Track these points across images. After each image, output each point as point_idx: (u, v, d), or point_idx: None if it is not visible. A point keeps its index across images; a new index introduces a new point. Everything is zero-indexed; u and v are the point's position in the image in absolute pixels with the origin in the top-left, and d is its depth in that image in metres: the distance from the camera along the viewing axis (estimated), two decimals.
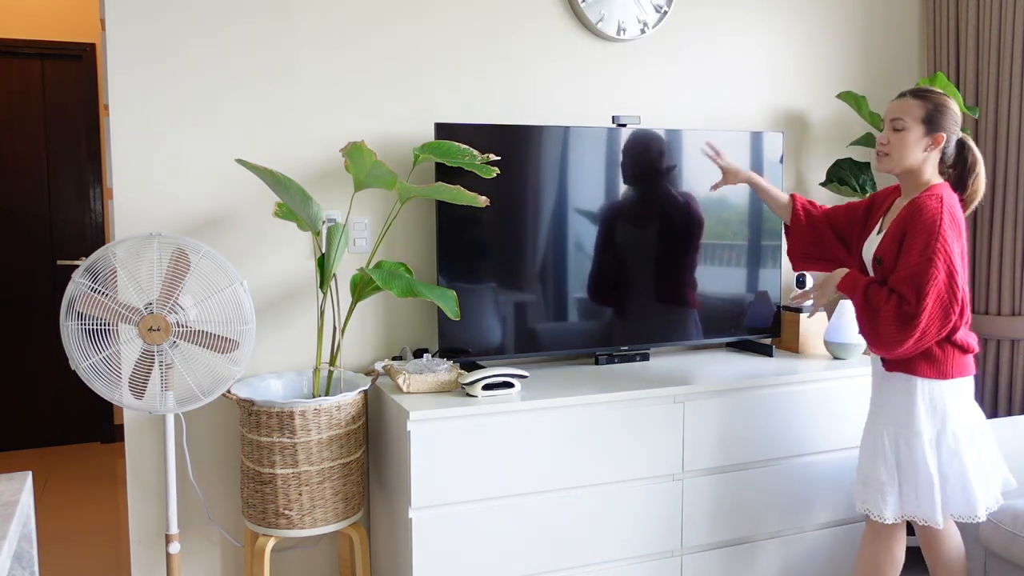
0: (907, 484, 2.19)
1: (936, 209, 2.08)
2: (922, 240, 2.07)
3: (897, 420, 2.19)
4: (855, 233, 2.41)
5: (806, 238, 2.50)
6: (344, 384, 2.40)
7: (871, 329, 2.13)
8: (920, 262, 2.06)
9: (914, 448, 2.16)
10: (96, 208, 4.74)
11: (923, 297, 2.04)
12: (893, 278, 2.12)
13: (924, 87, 2.21)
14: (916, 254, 2.07)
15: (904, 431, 2.17)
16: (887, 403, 2.22)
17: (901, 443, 2.18)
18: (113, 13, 2.34)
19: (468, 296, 2.56)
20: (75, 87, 4.67)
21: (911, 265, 2.07)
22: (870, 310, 2.13)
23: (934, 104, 2.16)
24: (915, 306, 2.05)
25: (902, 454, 2.18)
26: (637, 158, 2.72)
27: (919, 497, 2.17)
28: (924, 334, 2.07)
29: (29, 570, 1.35)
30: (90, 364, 2.13)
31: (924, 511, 2.17)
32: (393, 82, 2.64)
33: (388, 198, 2.66)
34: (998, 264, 3.11)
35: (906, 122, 2.16)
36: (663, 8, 2.91)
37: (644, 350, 2.82)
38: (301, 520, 2.24)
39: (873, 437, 2.25)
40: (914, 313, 2.05)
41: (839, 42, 3.25)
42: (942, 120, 2.16)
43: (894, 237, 2.15)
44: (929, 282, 2.04)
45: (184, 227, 2.45)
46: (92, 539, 3.39)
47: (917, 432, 2.15)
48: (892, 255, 2.15)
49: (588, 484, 2.39)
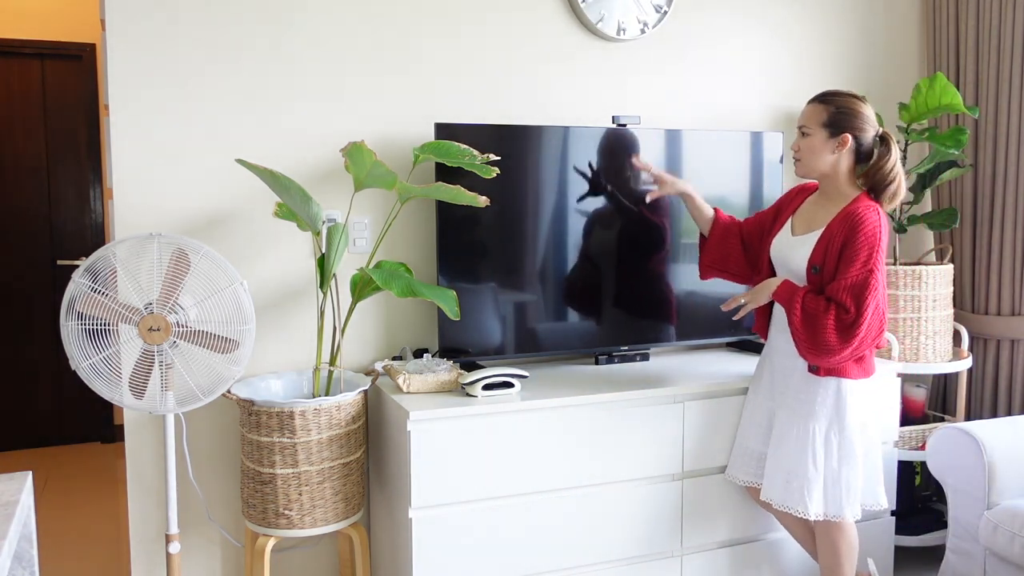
0: (831, 479, 2.27)
1: (876, 223, 2.16)
2: (864, 252, 2.14)
3: (828, 416, 2.26)
4: (761, 241, 2.47)
5: (713, 251, 2.52)
6: (344, 384, 2.40)
7: (810, 337, 2.18)
8: (861, 273, 2.14)
9: (850, 442, 2.26)
10: (96, 208, 4.74)
11: (863, 307, 2.13)
12: (833, 286, 2.17)
13: (832, 91, 2.27)
14: (858, 265, 2.14)
15: (836, 426, 2.26)
16: (811, 400, 2.27)
17: (832, 438, 2.26)
18: (113, 13, 2.34)
19: (468, 296, 2.56)
20: (75, 87, 4.66)
21: (852, 275, 2.14)
22: (809, 319, 2.18)
23: (836, 107, 2.23)
24: (855, 316, 2.13)
25: (837, 449, 2.26)
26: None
27: (848, 490, 2.26)
28: (862, 343, 2.16)
29: (29, 570, 1.35)
30: (90, 364, 2.13)
31: (858, 503, 2.28)
32: (393, 82, 2.64)
33: (388, 198, 2.66)
34: (998, 264, 3.11)
35: (810, 128, 2.26)
36: (663, 8, 2.91)
37: (644, 350, 2.82)
38: (301, 520, 2.24)
39: (800, 434, 2.28)
40: (854, 322, 2.14)
41: (839, 42, 3.25)
42: (845, 122, 2.22)
43: (830, 245, 2.20)
44: (869, 293, 2.13)
45: (184, 227, 2.45)
46: (92, 539, 3.39)
47: (847, 426, 2.25)
48: (832, 263, 2.20)
49: (588, 484, 2.39)
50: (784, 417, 2.31)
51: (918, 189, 3.12)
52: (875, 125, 2.25)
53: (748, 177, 2.89)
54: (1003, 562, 2.46)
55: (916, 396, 3.12)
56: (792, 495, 2.27)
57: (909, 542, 3.00)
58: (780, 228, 2.39)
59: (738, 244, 2.49)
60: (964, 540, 2.57)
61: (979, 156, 3.17)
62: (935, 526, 3.07)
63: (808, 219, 2.33)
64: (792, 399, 2.31)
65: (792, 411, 2.30)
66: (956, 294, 3.28)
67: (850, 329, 2.13)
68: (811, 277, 2.24)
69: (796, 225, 2.36)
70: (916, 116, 2.94)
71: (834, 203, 2.28)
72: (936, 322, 2.95)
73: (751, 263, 2.49)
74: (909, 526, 3.05)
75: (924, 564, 3.05)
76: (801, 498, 2.26)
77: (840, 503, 2.27)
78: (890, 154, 2.22)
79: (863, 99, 2.26)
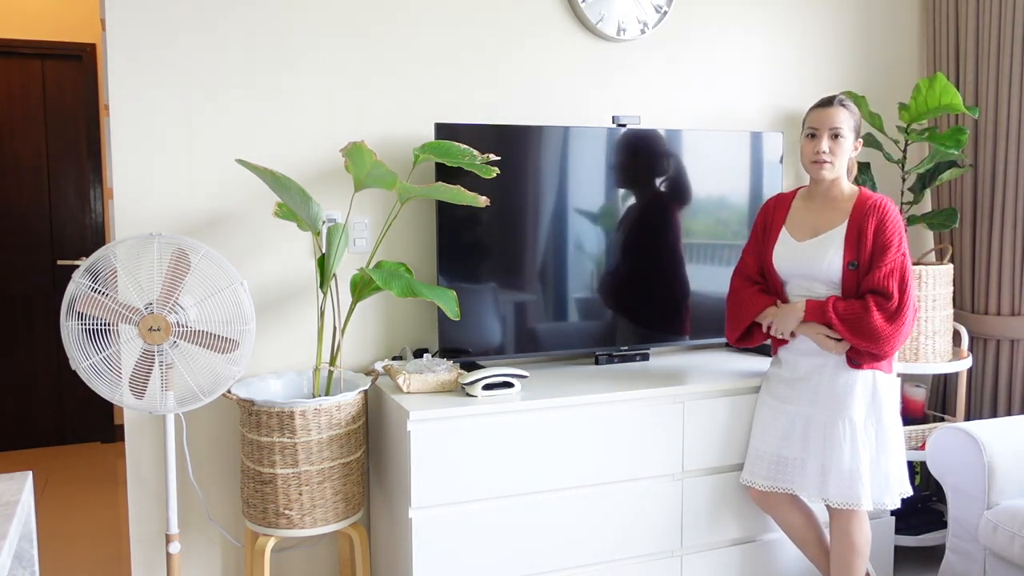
0: (873, 469, 2.30)
1: (896, 210, 2.30)
2: (896, 239, 2.26)
3: (866, 407, 2.30)
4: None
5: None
6: (344, 384, 2.41)
7: (860, 336, 2.23)
8: (896, 258, 2.25)
9: (887, 432, 2.30)
10: (96, 208, 4.74)
11: (906, 289, 2.24)
12: (873, 276, 2.24)
13: (843, 96, 2.37)
14: (892, 251, 2.25)
15: (873, 417, 2.30)
16: (849, 394, 2.30)
17: (871, 428, 2.30)
18: (113, 13, 2.34)
19: (468, 296, 2.56)
20: (75, 87, 4.67)
21: (890, 262, 2.25)
22: (851, 324, 2.24)
23: (854, 114, 2.35)
24: (899, 299, 2.23)
25: (875, 439, 2.30)
26: (637, 158, 2.72)
27: (887, 479, 2.30)
28: (909, 323, 2.25)
29: (29, 570, 1.35)
30: (90, 364, 2.13)
31: (894, 493, 2.32)
32: (393, 82, 2.64)
33: (388, 198, 2.66)
34: (998, 264, 3.11)
35: (843, 131, 2.32)
36: (663, 8, 2.91)
37: (644, 350, 2.82)
38: (301, 520, 2.24)
39: (848, 429, 2.29)
40: (899, 306, 2.23)
41: (839, 42, 3.25)
42: (860, 126, 2.39)
43: (862, 239, 2.27)
44: (908, 275, 2.26)
45: (184, 227, 2.45)
46: (92, 539, 3.39)
47: (883, 417, 2.30)
48: (866, 256, 2.27)
49: (588, 484, 2.39)
50: (824, 417, 2.32)
51: (918, 189, 3.12)
52: None
53: (748, 177, 2.89)
54: (1003, 562, 2.46)
55: (916, 396, 3.12)
56: (853, 490, 2.28)
57: (909, 542, 3.00)
58: (775, 238, 2.41)
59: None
60: (964, 540, 2.57)
61: (979, 156, 3.17)
62: (935, 526, 3.07)
63: (811, 223, 2.36)
64: (828, 396, 2.32)
65: (831, 409, 2.31)
66: (956, 294, 3.28)
67: (896, 314, 2.22)
68: (847, 273, 2.29)
69: (795, 231, 2.38)
70: (916, 116, 2.94)
71: (837, 201, 2.34)
72: (936, 322, 2.95)
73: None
74: (909, 526, 3.05)
75: (924, 564, 3.05)
76: (861, 490, 2.27)
77: (881, 492, 2.30)
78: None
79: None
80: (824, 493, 2.31)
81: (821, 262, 2.30)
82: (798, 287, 2.38)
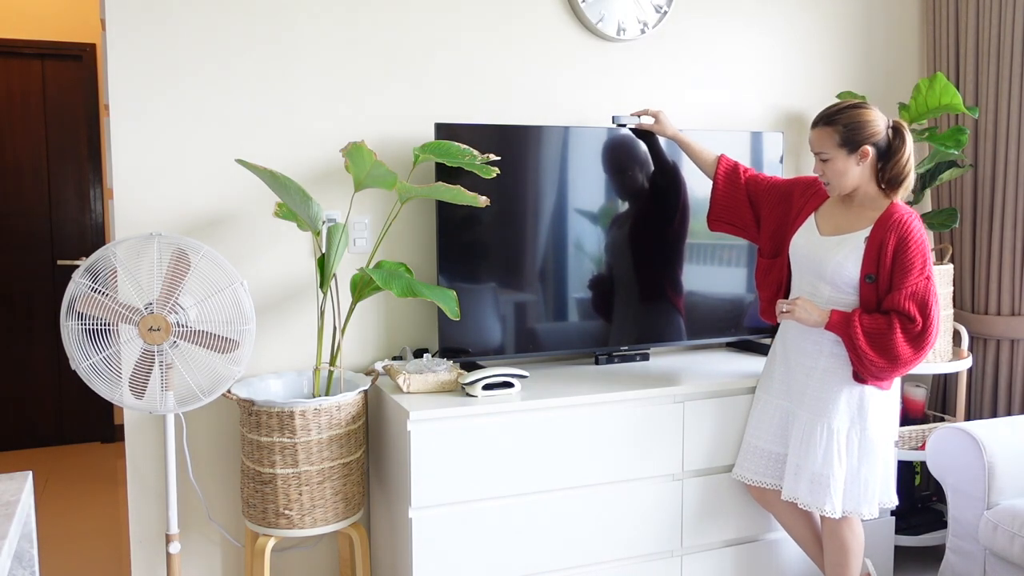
0: (851, 477, 2.30)
1: (922, 231, 2.21)
2: (920, 260, 2.18)
3: (851, 416, 2.29)
4: (769, 211, 2.48)
5: (720, 204, 2.58)
6: (344, 384, 2.41)
7: (882, 355, 2.20)
8: (920, 281, 2.18)
9: (871, 442, 2.29)
10: (96, 208, 4.74)
11: (929, 314, 2.18)
12: (894, 297, 2.19)
13: (832, 109, 2.26)
14: (915, 273, 2.18)
15: (858, 426, 2.29)
16: (834, 400, 2.28)
17: (854, 437, 2.28)
18: (113, 13, 2.34)
19: (468, 296, 2.56)
20: (75, 87, 4.66)
21: (912, 284, 2.18)
22: (874, 340, 2.20)
23: (844, 125, 2.22)
24: (923, 324, 2.18)
25: (858, 448, 2.29)
26: (636, 159, 2.72)
27: (866, 488, 2.29)
28: (930, 348, 2.21)
29: (29, 570, 1.35)
30: (90, 364, 2.13)
31: (873, 502, 2.31)
32: (393, 82, 2.64)
33: (388, 198, 2.66)
34: (998, 264, 3.11)
35: (828, 152, 2.25)
36: (663, 8, 2.91)
37: (644, 350, 2.82)
38: (301, 520, 2.24)
39: (824, 434, 2.28)
40: (923, 330, 2.18)
41: (839, 42, 3.25)
42: (858, 135, 2.21)
43: (882, 254, 2.21)
44: (932, 300, 2.19)
45: (184, 227, 2.45)
46: (92, 539, 3.39)
47: (868, 427, 2.29)
48: (886, 272, 2.21)
49: (588, 484, 2.39)
50: (806, 418, 2.31)
51: (918, 189, 3.12)
52: (884, 120, 2.24)
53: None
54: (1003, 562, 2.46)
55: (916, 396, 3.12)
56: (819, 495, 2.28)
57: (909, 542, 3.00)
58: (800, 223, 2.38)
59: (744, 200, 2.53)
60: (964, 540, 2.57)
61: (979, 156, 3.17)
62: (935, 526, 3.07)
63: (837, 221, 2.31)
64: (813, 400, 2.31)
65: (814, 412, 2.30)
66: (956, 294, 3.28)
67: (920, 338, 2.18)
68: (865, 286, 2.24)
69: (821, 225, 2.34)
70: (916, 116, 2.94)
71: (865, 207, 2.28)
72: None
73: (757, 220, 2.54)
74: (909, 526, 3.05)
75: (924, 564, 3.05)
76: (828, 497, 2.27)
77: (858, 500, 2.29)
78: (904, 146, 2.23)
79: (863, 103, 2.25)
80: (795, 493, 2.32)
81: (829, 262, 2.27)
82: (807, 283, 2.34)
